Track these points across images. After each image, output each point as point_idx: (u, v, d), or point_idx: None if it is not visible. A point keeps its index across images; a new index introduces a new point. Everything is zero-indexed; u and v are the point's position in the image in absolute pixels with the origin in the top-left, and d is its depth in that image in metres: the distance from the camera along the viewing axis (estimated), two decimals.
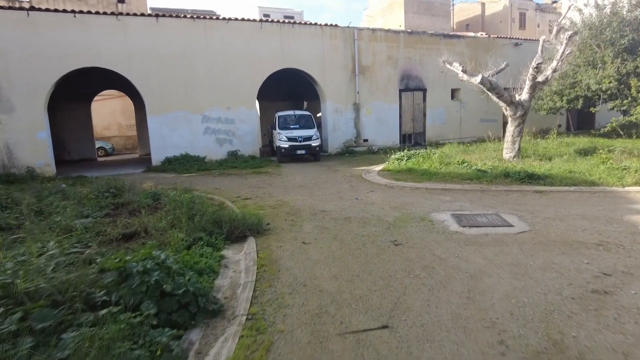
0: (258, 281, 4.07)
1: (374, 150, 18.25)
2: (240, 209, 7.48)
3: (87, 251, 5.11)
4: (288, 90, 23.42)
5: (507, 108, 12.29)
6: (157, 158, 15.01)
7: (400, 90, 19.35)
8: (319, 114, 18.61)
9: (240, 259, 4.78)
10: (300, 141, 14.96)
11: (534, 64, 11.33)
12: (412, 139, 20.16)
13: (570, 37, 11.34)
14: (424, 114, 20.18)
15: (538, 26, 41.70)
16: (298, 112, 16.68)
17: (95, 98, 26.31)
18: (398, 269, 4.26)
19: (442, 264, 4.36)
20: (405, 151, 12.71)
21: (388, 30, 19.13)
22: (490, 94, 12.26)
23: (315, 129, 15.65)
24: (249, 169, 13.67)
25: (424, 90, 20.00)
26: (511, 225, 5.80)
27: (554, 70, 11.90)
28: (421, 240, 5.21)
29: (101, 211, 7.64)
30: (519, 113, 12.20)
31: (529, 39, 24.63)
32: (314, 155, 15.42)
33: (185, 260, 4.16)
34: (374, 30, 18.59)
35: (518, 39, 23.05)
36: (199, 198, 7.82)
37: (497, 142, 15.01)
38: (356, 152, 17.61)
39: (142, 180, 12.02)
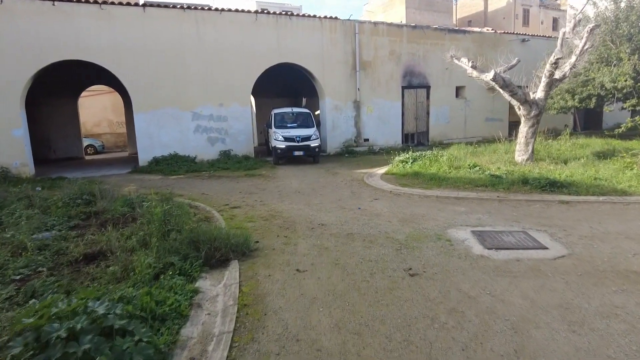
0: (237, 331, 3.14)
1: (375, 150, 17.32)
2: (227, 221, 6.54)
3: (30, 282, 4.18)
4: (285, 87, 22.43)
5: (521, 107, 11.37)
6: (144, 158, 14.04)
7: (403, 88, 18.40)
8: (318, 112, 17.65)
9: (219, 294, 3.85)
10: (298, 141, 13.65)
11: (552, 59, 10.40)
12: (414, 139, 19.23)
13: (591, 30, 10.41)
14: (427, 113, 19.24)
15: (542, 23, 40.79)
16: (296, 110, 15.42)
17: (85, 93, 25.30)
18: (418, 313, 3.33)
19: (473, 306, 3.44)
20: (410, 153, 11.78)
21: (390, 24, 18.16)
22: (502, 91, 11.33)
23: (315, 128, 14.36)
24: (242, 170, 12.71)
25: (428, 88, 19.06)
26: (545, 248, 4.88)
27: (572, 67, 10.99)
28: (441, 269, 4.28)
29: (69, 222, 6.71)
30: (533, 112, 11.28)
31: (537, 35, 23.71)
32: (313, 157, 14.17)
33: (144, 302, 3.21)
34: (375, 23, 17.62)
35: (525, 34, 22.12)
36: (180, 207, 6.89)
37: (506, 143, 14.10)
38: (356, 152, 16.67)
39: (125, 183, 11.07)
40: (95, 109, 26.49)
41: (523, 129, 11.55)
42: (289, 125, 14.42)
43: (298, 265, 4.45)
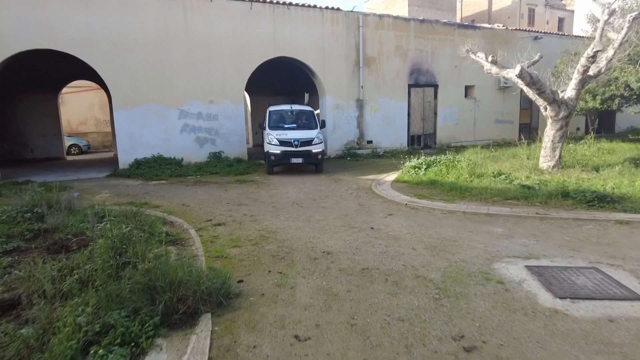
0: None
1: (379, 153, 15.97)
2: (206, 245, 5.16)
3: None
4: (283, 84, 21.05)
5: (548, 107, 10.04)
6: (125, 160, 12.62)
7: (409, 86, 17.07)
8: (317, 111, 16.28)
9: None
10: (296, 146, 11.11)
11: (589, 51, 9.08)
12: (421, 141, 17.89)
13: (634, 18, 9.11)
14: (435, 113, 17.92)
15: (547, 23, 39.63)
16: (296, 107, 12.74)
17: (69, 89, 23.91)
18: None
19: None
20: (423, 157, 10.42)
21: (397, 17, 16.83)
22: (527, 90, 10.00)
23: (318, 129, 11.85)
24: (232, 175, 11.32)
25: (435, 87, 17.74)
26: (638, 298, 3.53)
27: (609, 61, 9.69)
28: (507, 336, 2.92)
29: (7, 244, 5.33)
30: (562, 114, 9.96)
31: (549, 33, 22.50)
32: (316, 165, 11.75)
33: None
34: (381, 16, 16.28)
35: (538, 32, 20.86)
36: (150, 226, 5.52)
37: (524, 147, 12.77)
38: (359, 155, 15.31)
39: (98, 190, 9.67)
40: (81, 106, 25.03)
41: (550, 132, 10.23)
42: (286, 126, 11.97)
43: (297, 328, 3.07)
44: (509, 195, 7.53)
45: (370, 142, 16.37)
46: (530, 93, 10.24)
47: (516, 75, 9.57)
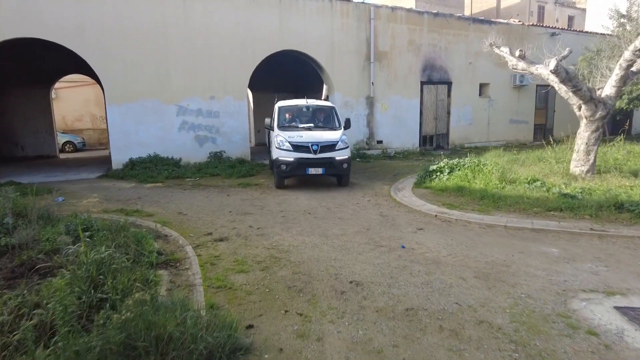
0: None
1: (389, 154, 15.02)
2: (206, 269, 4.24)
3: None
4: (288, 80, 20.10)
5: (583, 106, 9.10)
6: (118, 160, 11.67)
7: (422, 83, 16.11)
8: None
9: None
10: (315, 152, 8.50)
11: (638, 44, 8.13)
12: (433, 142, 16.95)
13: None
14: (448, 112, 16.96)
15: (557, 21, 38.62)
16: (314, 103, 10.19)
17: (64, 84, 22.96)
18: None
19: None
20: (445, 160, 9.47)
21: (410, 10, 15.88)
22: (561, 87, 9.06)
23: (342, 131, 9.29)
24: (235, 177, 10.37)
25: (449, 84, 16.79)
26: None
27: None
28: None
29: None
30: (599, 114, 9.02)
31: (567, 29, 21.56)
32: (340, 176, 9.09)
33: None
34: (393, 9, 15.31)
35: (555, 28, 19.92)
36: (139, 240, 4.60)
37: (550, 149, 11.83)
38: (369, 156, 14.37)
39: (87, 193, 8.75)
40: (76, 102, 24.05)
41: (584, 133, 9.29)
42: (301, 125, 9.41)
43: None
44: (550, 206, 6.60)
45: (380, 142, 15.43)
46: (563, 91, 9.31)
47: (551, 71, 8.63)
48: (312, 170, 8.54)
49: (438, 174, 9.00)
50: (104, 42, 11.11)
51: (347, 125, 9.54)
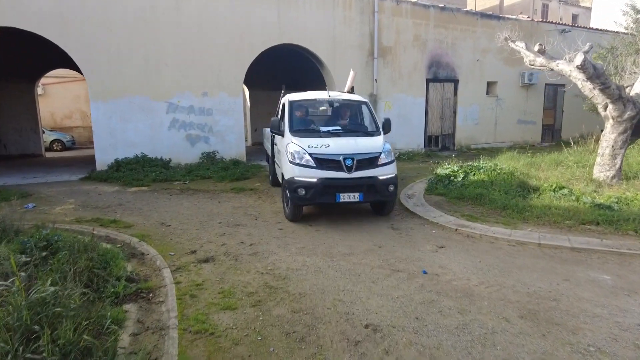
0: None
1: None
2: (184, 303, 3.41)
3: None
4: (287, 77, 19.23)
5: (610, 105, 8.29)
6: (103, 160, 10.80)
7: (428, 80, 15.29)
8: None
9: None
10: (349, 168, 5.76)
11: None
12: (439, 142, 16.14)
13: None
14: (455, 112, 16.15)
15: (561, 19, 37.88)
16: (338, 97, 7.38)
17: (52, 80, 22.06)
18: None
19: None
20: (459, 164, 8.64)
21: (416, 3, 15.02)
22: (586, 84, 8.25)
23: (383, 136, 6.59)
24: (228, 180, 9.52)
25: (456, 82, 15.97)
26: None
27: None
28: None
29: None
30: (628, 114, 8.21)
31: (577, 26, 20.80)
32: (384, 204, 6.33)
33: None
34: (398, 1, 14.46)
35: (565, 24, 19.16)
36: (108, 261, 3.78)
37: (568, 151, 11.03)
38: None
39: (64, 198, 7.89)
40: (66, 98, 23.11)
41: (610, 135, 8.49)
42: (324, 129, 6.59)
43: None
44: (584, 218, 5.79)
45: None
46: (587, 89, 8.50)
47: (577, 67, 7.80)
48: (345, 197, 5.64)
49: (451, 178, 8.17)
50: (87, 33, 10.22)
51: (387, 128, 6.67)
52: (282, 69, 17.82)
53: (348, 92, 7.90)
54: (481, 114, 16.73)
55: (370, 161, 5.90)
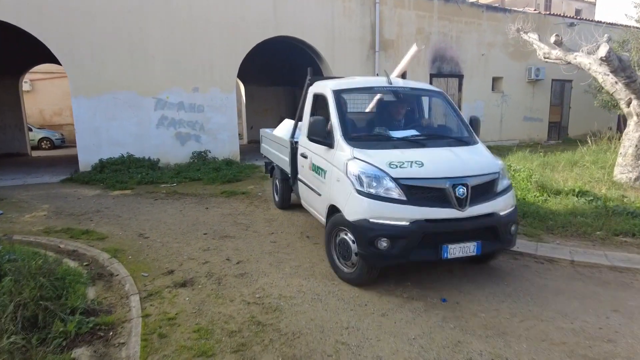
0: None
1: None
2: (151, 346, 2.71)
3: None
4: (284, 71, 18.53)
5: (635, 101, 7.63)
6: (86, 161, 10.09)
7: (431, 76, 14.60)
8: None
9: None
10: (461, 201, 3.48)
11: None
12: None
13: None
14: (459, 108, 15.44)
15: (564, 14, 37.15)
16: (404, 84, 4.96)
17: (43, 76, 21.29)
18: None
19: None
20: None
21: None
22: (611, 78, 7.58)
23: (481, 143, 4.37)
24: (219, 182, 8.82)
25: (460, 77, 15.29)
26: None
27: None
28: None
29: None
30: None
31: (585, 19, 20.10)
32: (492, 251, 3.95)
33: None
34: None
35: (573, 17, 18.47)
36: (65, 287, 3.09)
37: (584, 149, 10.36)
38: None
39: (38, 203, 7.20)
40: (55, 94, 22.32)
41: (634, 134, 7.83)
42: (395, 136, 4.25)
43: None
44: (616, 229, 5.12)
45: None
46: (608, 83, 7.84)
47: (601, 59, 7.14)
48: (456, 250, 3.50)
49: None
50: (68, 22, 9.48)
51: (477, 129, 4.54)
52: (280, 64, 17.11)
53: (398, 77, 5.79)
54: (486, 110, 16.04)
55: (487, 188, 3.69)
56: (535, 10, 17.71)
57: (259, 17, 11.24)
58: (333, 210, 3.93)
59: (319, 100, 4.75)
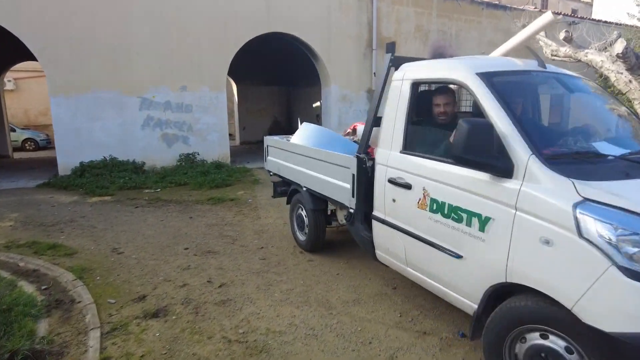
0: None
1: None
2: None
3: None
4: (278, 70, 17.98)
5: None
6: (66, 164, 9.46)
7: None
8: (318, 103, 13.29)
9: None
10: None
11: None
12: None
13: None
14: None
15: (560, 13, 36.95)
16: (569, 73, 3.24)
17: (28, 74, 20.55)
18: None
19: None
20: None
21: None
22: (626, 77, 7.11)
23: None
24: (207, 188, 8.24)
25: None
26: None
27: None
28: None
29: None
30: None
31: (585, 18, 19.72)
32: None
33: None
34: None
35: (573, 16, 18.08)
36: (8, 326, 2.48)
37: None
38: None
39: (6, 211, 6.57)
40: (41, 94, 21.43)
41: None
42: (611, 153, 2.40)
43: None
44: None
45: None
46: (622, 82, 7.35)
47: (617, 55, 6.67)
48: None
49: None
50: (44, 16, 8.87)
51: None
52: (274, 62, 16.57)
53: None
54: None
55: None
56: (534, 8, 17.29)
57: (250, 12, 10.67)
58: (503, 291, 2.27)
59: (424, 95, 3.19)
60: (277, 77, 18.35)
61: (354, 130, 5.03)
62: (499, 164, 2.19)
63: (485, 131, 2.21)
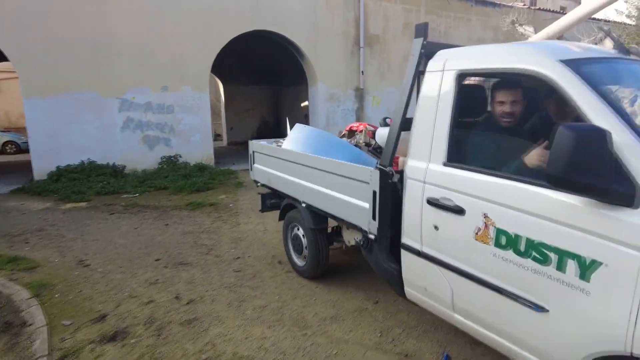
0: None
1: None
2: None
3: None
4: (265, 69, 17.67)
5: None
6: (42, 168, 9.09)
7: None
8: (305, 103, 13.04)
9: None
10: None
11: None
12: None
13: None
14: None
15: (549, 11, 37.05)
16: None
17: (10, 75, 19.98)
18: None
19: None
20: None
21: None
22: None
23: None
24: (187, 192, 7.92)
25: None
26: None
27: None
28: None
29: None
30: None
31: None
32: None
33: None
34: None
35: (563, 13, 17.97)
36: None
37: None
38: None
39: None
40: None
41: None
42: None
43: None
44: None
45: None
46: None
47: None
48: None
49: None
50: (15, 13, 8.49)
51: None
52: (261, 62, 16.25)
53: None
54: None
55: None
56: (524, 5, 17.17)
57: (235, 9, 10.37)
58: None
59: (476, 90, 2.66)
60: (264, 76, 18.03)
61: (350, 132, 4.65)
62: (614, 188, 1.54)
63: (598, 141, 1.51)
